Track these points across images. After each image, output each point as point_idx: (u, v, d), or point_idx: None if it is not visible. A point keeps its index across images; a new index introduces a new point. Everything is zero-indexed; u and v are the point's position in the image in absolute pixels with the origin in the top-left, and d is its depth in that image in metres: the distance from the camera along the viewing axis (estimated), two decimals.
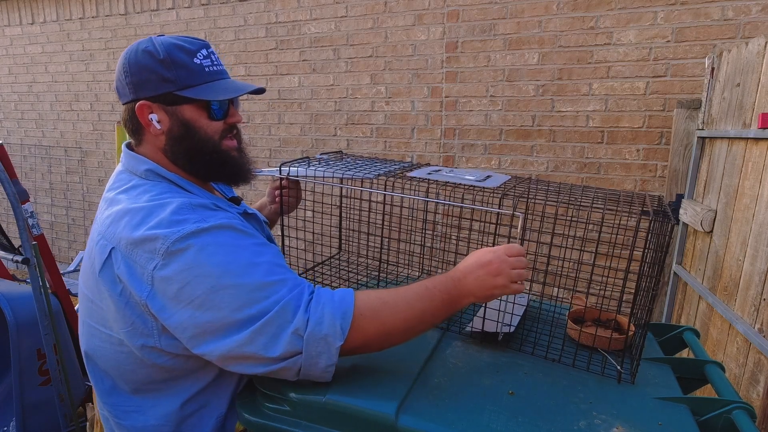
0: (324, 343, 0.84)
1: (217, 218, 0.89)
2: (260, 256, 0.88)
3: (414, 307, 0.90)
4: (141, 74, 0.94)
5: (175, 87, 0.94)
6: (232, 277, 0.84)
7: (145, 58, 0.93)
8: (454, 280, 0.94)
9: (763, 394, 1.54)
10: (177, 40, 0.96)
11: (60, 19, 4.52)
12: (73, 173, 4.89)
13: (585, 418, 0.87)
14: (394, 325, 0.90)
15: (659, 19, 2.55)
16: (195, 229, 0.85)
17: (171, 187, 0.97)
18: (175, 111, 0.96)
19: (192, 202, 0.91)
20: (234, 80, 1.03)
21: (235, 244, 0.87)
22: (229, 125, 1.02)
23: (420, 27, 3.14)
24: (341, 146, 3.55)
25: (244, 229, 0.91)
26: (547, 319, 1.26)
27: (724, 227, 1.91)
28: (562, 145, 2.88)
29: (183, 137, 0.97)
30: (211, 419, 0.99)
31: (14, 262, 2.02)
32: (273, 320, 0.83)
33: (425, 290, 0.92)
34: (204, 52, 0.97)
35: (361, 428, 0.88)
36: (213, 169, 1.02)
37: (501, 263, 0.92)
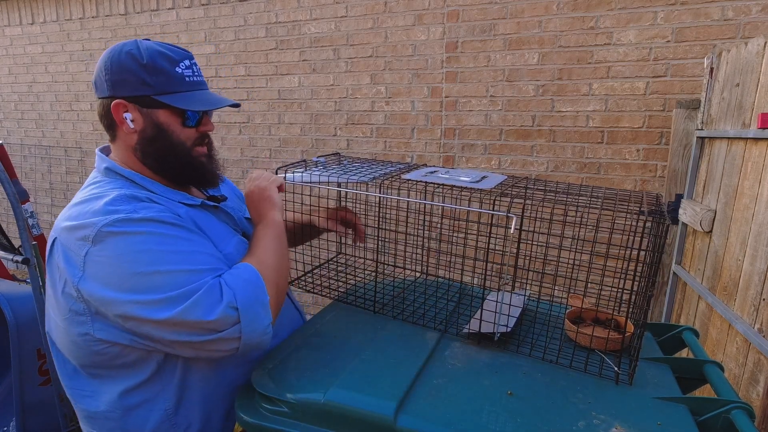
0: (257, 305, 0.92)
1: (148, 211, 0.94)
2: (183, 246, 0.93)
3: (262, 245, 1.05)
4: (121, 74, 0.99)
5: (153, 91, 0.99)
6: (157, 264, 0.89)
7: (128, 59, 0.98)
8: (256, 221, 1.13)
9: (762, 394, 1.54)
10: (162, 48, 1.01)
11: (60, 19, 4.52)
12: (73, 173, 4.89)
13: (584, 418, 0.87)
14: (274, 261, 1.02)
15: (659, 19, 2.55)
16: (124, 217, 0.91)
17: (125, 183, 1.03)
18: (150, 113, 1.01)
19: (128, 194, 0.97)
20: (212, 93, 1.09)
21: (161, 233, 0.92)
22: (202, 134, 1.08)
23: (420, 27, 3.14)
24: (341, 146, 3.55)
25: (174, 222, 0.95)
26: (545, 319, 1.26)
27: (723, 227, 1.91)
28: (562, 145, 2.88)
29: (155, 139, 1.03)
30: (157, 413, 1.02)
31: (14, 262, 2.02)
32: (203, 298, 0.88)
33: (257, 236, 1.08)
34: (186, 63, 1.03)
35: (359, 429, 0.88)
36: (181, 172, 1.08)
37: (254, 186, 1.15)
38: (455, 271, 1.44)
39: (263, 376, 0.98)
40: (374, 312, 1.27)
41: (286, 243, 1.11)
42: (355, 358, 1.03)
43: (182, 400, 1.03)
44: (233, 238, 1.12)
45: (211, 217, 1.11)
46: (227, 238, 1.10)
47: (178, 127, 1.03)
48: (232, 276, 0.93)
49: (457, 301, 1.35)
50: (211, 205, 1.13)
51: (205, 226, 1.06)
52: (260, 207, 1.13)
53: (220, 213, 1.16)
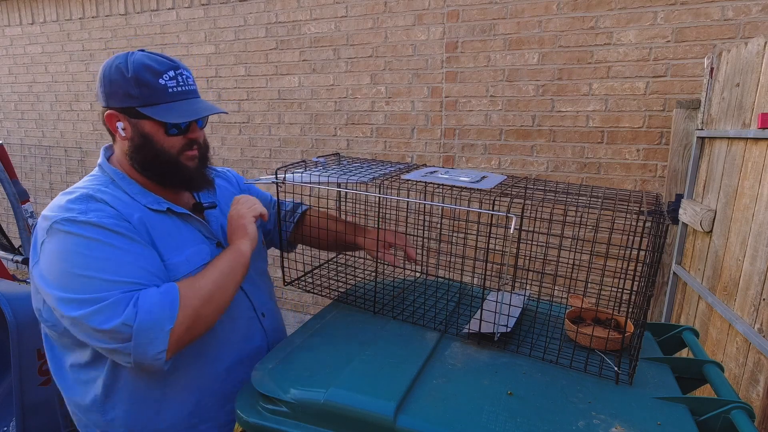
0: (154, 330, 0.94)
1: (95, 214, 1.00)
2: (113, 255, 0.98)
3: (213, 271, 1.07)
4: (111, 87, 1.06)
5: (138, 103, 1.05)
6: (84, 267, 0.96)
7: (116, 73, 1.05)
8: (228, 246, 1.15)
9: (762, 394, 1.54)
10: (147, 60, 1.06)
11: (60, 19, 4.52)
12: (73, 173, 4.89)
13: (584, 418, 0.87)
14: (209, 291, 1.04)
15: (659, 19, 2.55)
16: (71, 218, 0.98)
17: (107, 180, 1.11)
18: (137, 123, 1.08)
19: (89, 194, 1.04)
20: (198, 101, 1.13)
21: (96, 239, 0.98)
22: (190, 140, 1.13)
23: (420, 27, 3.14)
24: (341, 146, 3.55)
25: (113, 229, 1.00)
26: (545, 319, 1.26)
27: (723, 227, 1.91)
28: (562, 145, 2.88)
29: (142, 147, 1.09)
30: (92, 394, 1.13)
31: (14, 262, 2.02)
32: (107, 309, 0.94)
33: (216, 259, 1.11)
34: (171, 74, 1.07)
35: (359, 429, 0.88)
36: (168, 178, 1.14)
37: (235, 212, 1.18)
38: (455, 271, 1.44)
39: (263, 376, 0.98)
40: (374, 312, 1.27)
41: (239, 274, 1.11)
42: (355, 358, 1.03)
43: (110, 390, 1.11)
44: (192, 247, 1.14)
45: (174, 224, 1.14)
46: (182, 247, 1.12)
47: (162, 136, 1.09)
48: (148, 295, 0.96)
49: (457, 301, 1.35)
50: (179, 212, 1.15)
51: (161, 232, 1.10)
52: (232, 233, 1.16)
53: (193, 220, 1.18)
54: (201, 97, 1.16)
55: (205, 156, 1.20)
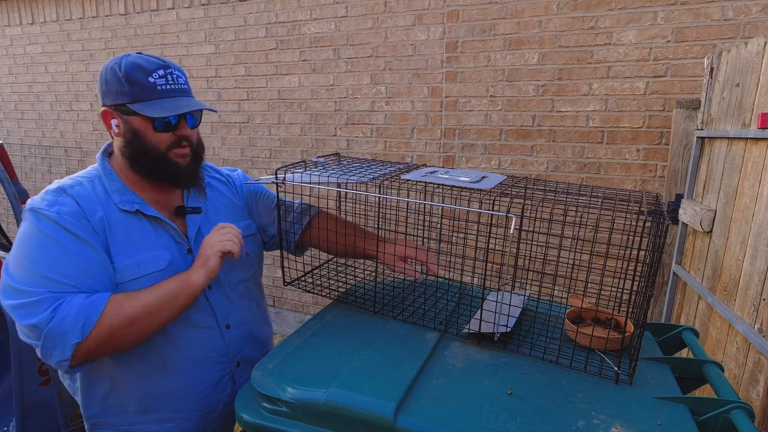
0: (60, 339, 0.98)
1: (59, 207, 1.06)
2: (59, 255, 1.03)
3: (153, 294, 1.08)
4: (107, 86, 1.12)
5: (128, 99, 1.10)
6: (30, 260, 1.02)
7: (111, 73, 1.11)
8: (186, 271, 1.14)
9: (762, 394, 1.54)
10: (139, 60, 1.11)
11: (60, 19, 4.52)
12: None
13: (584, 418, 0.87)
14: (136, 312, 1.05)
15: (659, 19, 2.55)
16: (36, 208, 1.06)
17: (95, 174, 1.17)
18: (128, 120, 1.12)
19: (63, 188, 1.10)
20: (187, 99, 1.15)
21: (49, 236, 1.03)
22: (179, 137, 1.16)
23: (420, 27, 3.14)
24: (341, 146, 3.55)
25: (68, 228, 1.05)
26: (545, 319, 1.26)
27: (723, 227, 1.91)
28: (562, 145, 2.88)
29: (131, 142, 1.14)
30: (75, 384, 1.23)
31: None
32: (30, 305, 0.99)
33: (164, 281, 1.11)
34: (160, 72, 1.12)
35: (359, 429, 0.88)
36: (156, 174, 1.17)
37: (209, 240, 1.15)
38: (455, 271, 1.44)
39: (263, 376, 0.98)
40: (374, 312, 1.27)
41: (181, 303, 1.11)
42: (355, 358, 1.03)
43: (77, 385, 1.21)
44: (148, 252, 1.14)
45: (140, 226, 1.16)
46: (137, 251, 1.13)
47: (150, 132, 1.13)
48: (70, 303, 1.00)
49: (457, 302, 1.35)
50: (148, 214, 1.17)
51: (121, 233, 1.13)
52: (196, 259, 1.16)
53: (163, 224, 1.19)
54: (197, 97, 1.17)
55: (198, 155, 1.22)
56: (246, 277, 1.37)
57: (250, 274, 1.38)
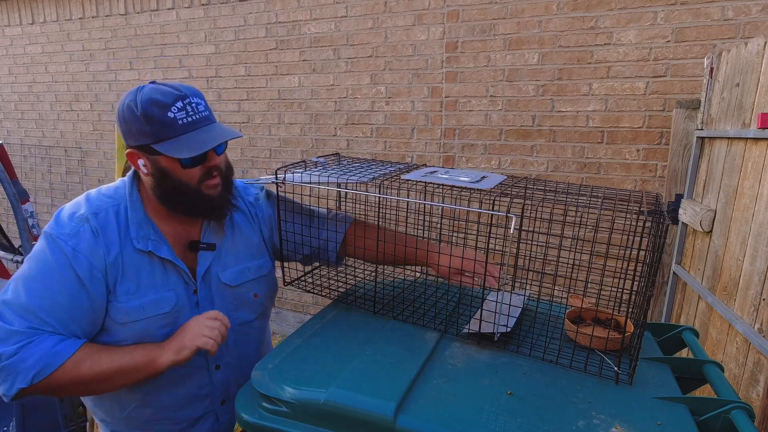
0: (10, 378, 1.00)
1: (74, 246, 1.06)
2: (54, 289, 1.04)
3: (114, 362, 1.07)
4: (127, 126, 1.07)
5: (151, 140, 1.05)
6: (27, 282, 1.05)
7: (128, 112, 1.05)
8: (161, 343, 1.11)
9: (762, 394, 1.54)
10: (155, 94, 1.04)
11: (60, 19, 4.53)
12: (73, 173, 4.89)
13: (584, 418, 0.87)
14: (92, 378, 1.05)
15: (659, 19, 2.55)
16: (55, 234, 1.07)
17: (121, 197, 1.14)
18: (155, 160, 1.08)
19: (86, 215, 1.09)
20: (212, 128, 1.09)
21: (49, 268, 1.05)
22: (208, 168, 1.12)
23: (420, 27, 3.14)
24: (341, 146, 3.56)
25: (77, 271, 1.05)
26: (545, 319, 1.26)
27: (723, 227, 1.91)
28: (562, 145, 2.88)
29: (161, 182, 1.10)
30: None
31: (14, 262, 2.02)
32: (3, 333, 1.01)
33: (132, 349, 1.10)
34: (179, 104, 1.05)
35: (359, 429, 0.88)
36: (187, 208, 1.14)
37: (195, 326, 1.10)
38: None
39: (263, 376, 0.98)
40: (374, 312, 1.27)
41: (139, 377, 1.10)
42: (355, 358, 1.03)
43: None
44: (154, 294, 1.13)
45: (150, 266, 1.14)
46: (144, 292, 1.12)
47: (179, 170, 1.09)
48: (41, 346, 1.01)
49: (457, 302, 1.35)
50: (160, 256, 1.14)
51: (132, 273, 1.12)
52: (174, 338, 1.11)
53: (174, 266, 1.16)
54: (217, 120, 1.14)
55: (228, 179, 1.18)
56: (251, 319, 1.32)
57: (255, 316, 1.33)
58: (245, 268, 1.28)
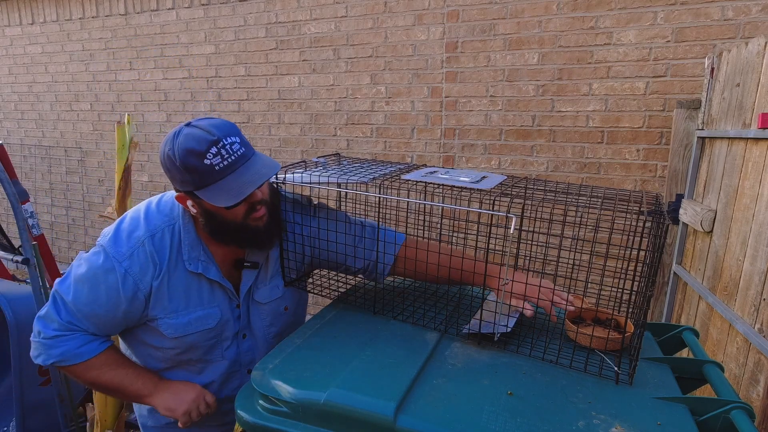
0: (40, 354, 1.20)
1: (126, 268, 1.15)
2: (99, 308, 1.17)
3: (115, 380, 1.23)
4: (171, 174, 1.12)
5: (192, 187, 1.09)
6: (77, 291, 1.17)
7: (168, 162, 1.10)
8: (158, 384, 1.26)
9: (763, 394, 1.54)
10: (190, 143, 1.06)
11: (60, 19, 4.53)
12: (73, 173, 4.90)
13: (584, 418, 0.87)
14: (94, 382, 1.25)
15: (659, 19, 2.55)
16: (113, 253, 1.16)
17: (176, 215, 1.21)
18: (200, 203, 1.14)
19: (144, 241, 1.17)
20: (249, 166, 1.10)
21: (106, 284, 1.15)
22: (251, 204, 1.16)
23: (420, 27, 3.14)
24: (341, 146, 3.56)
25: (122, 291, 1.15)
26: (545, 320, 1.26)
27: (724, 227, 1.91)
28: (562, 145, 2.88)
29: (210, 221, 1.17)
30: None
31: (14, 262, 2.02)
32: (48, 319, 1.18)
33: (136, 375, 1.25)
34: (214, 150, 1.06)
35: (359, 429, 0.88)
36: (237, 241, 1.21)
37: (192, 401, 1.24)
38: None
39: (263, 376, 0.98)
40: (374, 312, 1.27)
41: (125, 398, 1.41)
42: (355, 358, 1.03)
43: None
44: (200, 312, 1.23)
45: (199, 285, 1.23)
46: (192, 310, 1.22)
47: (224, 211, 1.14)
48: (70, 343, 1.18)
49: (457, 302, 1.35)
50: (209, 278, 1.23)
51: (180, 291, 1.21)
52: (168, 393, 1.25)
53: (216, 284, 1.25)
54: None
55: (274, 207, 1.23)
56: (284, 329, 1.38)
57: (288, 325, 1.40)
58: (275, 285, 1.33)
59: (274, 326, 1.36)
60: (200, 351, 1.27)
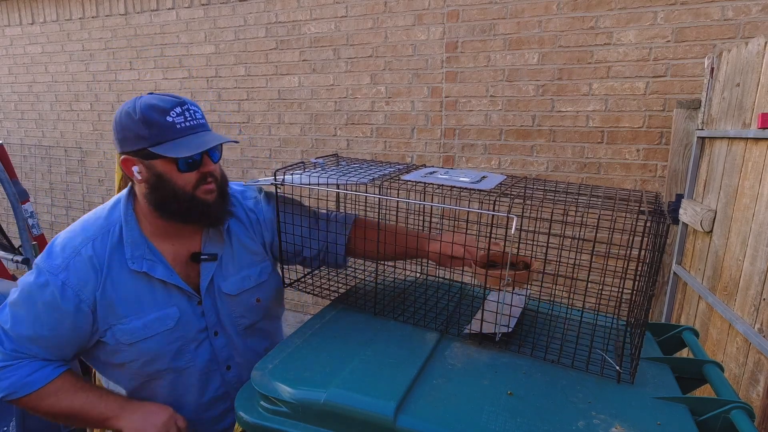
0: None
1: (63, 280, 1.09)
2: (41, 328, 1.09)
3: (74, 405, 1.14)
4: (123, 132, 1.08)
5: (148, 143, 1.06)
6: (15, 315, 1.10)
7: (126, 118, 1.07)
8: (124, 406, 1.17)
9: (763, 394, 1.54)
10: (154, 100, 1.07)
11: (60, 19, 4.53)
12: (73, 173, 4.90)
13: (584, 418, 0.87)
14: (50, 411, 1.14)
15: (659, 19, 2.55)
16: (45, 267, 1.09)
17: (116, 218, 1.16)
18: (150, 164, 1.09)
19: (80, 250, 1.11)
20: (207, 134, 1.11)
21: (43, 302, 1.08)
22: (203, 174, 1.13)
23: (420, 27, 3.14)
24: (341, 146, 3.56)
25: (62, 303, 1.08)
26: (546, 319, 1.26)
27: (723, 227, 1.91)
28: (562, 145, 2.88)
29: (157, 187, 1.10)
30: None
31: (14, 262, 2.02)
32: None
33: (98, 398, 1.16)
34: (178, 110, 1.07)
35: (359, 429, 0.88)
36: (186, 215, 1.15)
37: (163, 425, 1.14)
38: (455, 272, 1.44)
39: (263, 376, 0.98)
40: (374, 313, 1.27)
41: (88, 425, 1.20)
42: (355, 358, 1.03)
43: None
44: (156, 312, 1.16)
45: (148, 285, 1.16)
46: (146, 311, 1.15)
47: (176, 174, 1.09)
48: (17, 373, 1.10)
49: (457, 302, 1.35)
50: (157, 277, 1.16)
51: (129, 293, 1.14)
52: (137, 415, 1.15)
53: (170, 285, 1.18)
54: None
55: (223, 189, 1.19)
56: (256, 320, 1.34)
57: (260, 317, 1.35)
58: (246, 276, 1.29)
59: (245, 318, 1.30)
60: (166, 358, 1.18)
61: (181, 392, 1.24)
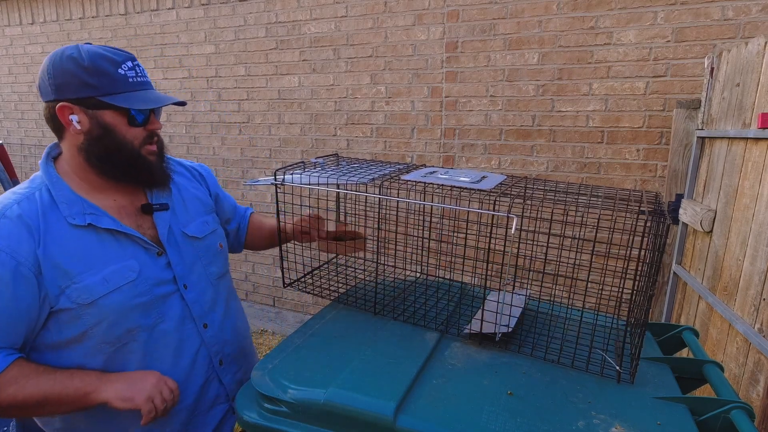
0: None
1: None
2: None
3: (43, 388, 0.99)
4: (64, 77, 1.02)
5: (97, 93, 1.02)
6: None
7: (69, 63, 1.02)
8: (101, 376, 1.04)
9: (762, 394, 1.54)
10: (103, 50, 1.05)
11: (60, 19, 4.52)
12: None
13: (584, 418, 0.87)
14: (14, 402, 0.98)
15: (659, 19, 2.55)
16: None
17: (41, 183, 1.06)
18: (96, 114, 1.04)
19: (4, 212, 1.00)
20: (156, 92, 1.12)
21: None
22: (150, 132, 1.11)
23: (420, 27, 3.14)
24: (341, 146, 3.56)
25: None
26: (546, 319, 1.26)
27: (723, 227, 1.91)
28: (562, 145, 2.88)
29: (101, 138, 1.05)
30: None
31: None
32: None
33: (69, 375, 1.02)
34: (129, 64, 1.06)
35: (359, 429, 0.88)
36: (127, 171, 1.10)
37: (152, 387, 1.03)
38: (455, 272, 1.44)
39: (263, 376, 0.98)
40: (374, 313, 1.27)
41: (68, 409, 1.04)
42: (355, 358, 1.03)
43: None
44: (114, 265, 1.06)
45: (97, 239, 1.06)
46: (101, 266, 1.05)
47: (125, 127, 1.06)
48: None
49: (457, 302, 1.35)
50: (103, 227, 1.07)
51: (76, 251, 1.03)
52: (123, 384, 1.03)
53: (121, 235, 1.10)
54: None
55: (161, 151, 1.17)
56: (224, 272, 1.34)
57: (226, 268, 1.36)
58: (204, 221, 1.30)
59: (213, 265, 1.27)
60: (134, 314, 1.08)
61: (157, 356, 1.13)
